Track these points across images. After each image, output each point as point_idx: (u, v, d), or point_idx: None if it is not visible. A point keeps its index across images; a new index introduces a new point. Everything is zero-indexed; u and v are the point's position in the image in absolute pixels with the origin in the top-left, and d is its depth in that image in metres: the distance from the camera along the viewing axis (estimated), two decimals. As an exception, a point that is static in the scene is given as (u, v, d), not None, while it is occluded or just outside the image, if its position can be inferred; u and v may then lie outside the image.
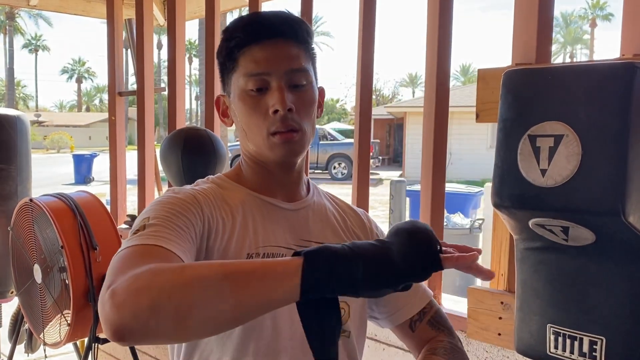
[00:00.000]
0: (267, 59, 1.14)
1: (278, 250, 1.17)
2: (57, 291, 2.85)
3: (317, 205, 1.29)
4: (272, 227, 1.19)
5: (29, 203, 2.93)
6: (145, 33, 3.57)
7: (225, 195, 1.20)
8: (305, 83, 1.17)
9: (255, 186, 1.24)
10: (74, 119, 56.26)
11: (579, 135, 1.28)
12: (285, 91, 1.13)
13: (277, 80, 1.14)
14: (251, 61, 1.14)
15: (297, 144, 1.17)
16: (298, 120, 1.15)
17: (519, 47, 1.81)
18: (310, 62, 1.20)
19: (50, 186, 12.39)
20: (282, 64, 1.14)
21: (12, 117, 3.53)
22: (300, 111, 1.15)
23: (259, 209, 1.21)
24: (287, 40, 1.16)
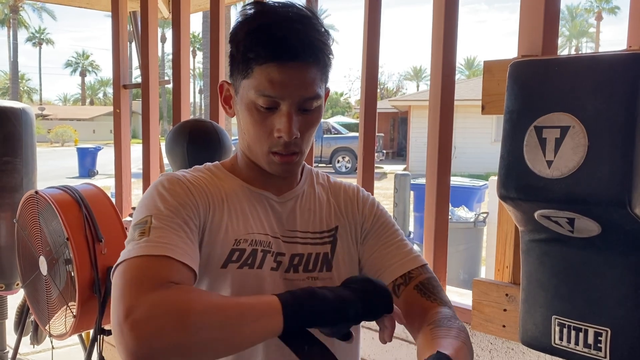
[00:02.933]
0: (283, 84, 1.10)
1: (265, 237, 1.20)
2: (62, 283, 2.86)
3: (306, 195, 1.30)
4: (260, 216, 1.22)
5: (35, 195, 2.94)
6: (150, 25, 3.56)
7: (217, 184, 1.22)
8: (314, 107, 1.16)
9: (247, 178, 1.26)
10: (78, 112, 56.28)
11: (585, 126, 1.28)
12: (294, 116, 1.13)
13: (288, 106, 1.13)
14: (266, 79, 1.11)
15: (296, 165, 1.21)
16: (300, 143, 1.17)
17: (525, 39, 1.80)
18: (325, 81, 1.19)
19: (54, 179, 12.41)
20: (296, 90, 1.12)
21: (17, 109, 3.54)
22: (303, 133, 1.16)
23: (248, 199, 1.23)
24: (308, 65, 1.12)
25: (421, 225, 7.24)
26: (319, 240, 1.25)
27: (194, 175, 1.23)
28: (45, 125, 41.21)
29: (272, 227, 1.22)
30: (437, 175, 2.15)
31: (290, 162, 1.18)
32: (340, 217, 1.30)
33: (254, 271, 1.16)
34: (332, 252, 1.25)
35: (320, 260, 1.23)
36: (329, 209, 1.30)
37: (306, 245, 1.24)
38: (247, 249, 1.17)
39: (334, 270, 1.24)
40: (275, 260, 1.19)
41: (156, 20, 3.66)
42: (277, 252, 1.20)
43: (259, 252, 1.18)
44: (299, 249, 1.23)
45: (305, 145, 1.19)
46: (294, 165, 1.21)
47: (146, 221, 1.07)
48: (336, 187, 1.36)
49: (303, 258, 1.22)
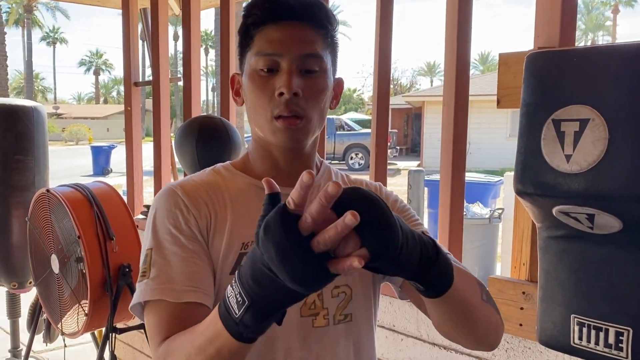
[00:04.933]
0: (281, 40, 1.09)
1: None
2: (74, 281, 2.86)
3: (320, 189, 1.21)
4: None
5: (46, 194, 2.93)
6: (160, 22, 3.55)
7: (222, 187, 1.17)
8: (317, 70, 1.12)
9: (259, 174, 1.18)
10: (92, 111, 56.66)
11: (605, 119, 1.24)
12: (295, 75, 1.09)
13: (288, 63, 1.09)
14: (265, 40, 1.10)
15: (300, 131, 1.12)
16: (304, 106, 1.10)
17: (542, 31, 1.76)
18: (328, 49, 1.15)
19: (68, 177, 12.48)
20: (295, 47, 1.09)
21: (28, 108, 3.54)
22: (307, 97, 1.10)
23: (257, 197, 1.11)
24: (305, 24, 1.11)
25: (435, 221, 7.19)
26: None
27: (195, 182, 1.18)
28: (60, 124, 41.54)
29: None
30: (451, 172, 2.11)
31: (293, 125, 1.10)
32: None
33: None
34: None
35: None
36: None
37: None
38: None
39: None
40: None
41: (166, 17, 3.65)
42: None
43: None
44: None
45: (311, 111, 1.12)
46: (298, 132, 1.12)
47: (147, 255, 1.11)
48: (356, 183, 1.29)
49: None
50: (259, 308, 0.80)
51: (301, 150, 1.18)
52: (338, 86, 1.22)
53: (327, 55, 1.14)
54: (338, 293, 1.14)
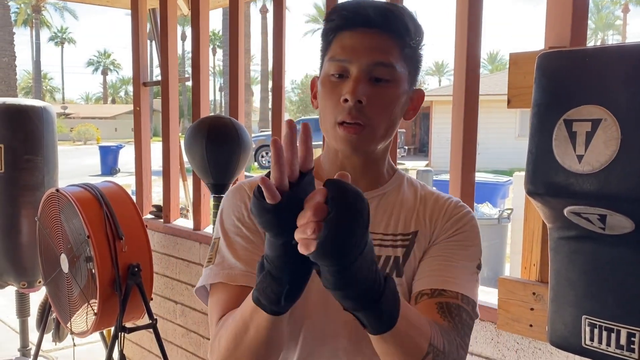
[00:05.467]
0: (354, 47, 1.10)
1: None
2: (83, 281, 2.87)
3: (388, 195, 1.22)
4: None
5: (56, 193, 2.94)
6: (170, 22, 3.56)
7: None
8: (389, 79, 1.10)
9: (325, 176, 1.13)
10: (100, 111, 56.82)
11: (617, 119, 1.23)
12: (362, 83, 1.08)
13: (357, 70, 1.09)
14: (339, 46, 1.11)
15: (362, 141, 1.11)
16: (369, 114, 1.09)
17: (553, 30, 1.75)
18: (405, 60, 1.13)
19: (77, 177, 12.52)
20: (366, 54, 1.09)
21: (38, 108, 3.55)
22: (374, 106, 1.09)
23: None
24: (381, 33, 1.10)
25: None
26: (393, 243, 1.17)
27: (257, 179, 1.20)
28: (68, 124, 41.67)
29: None
30: (461, 172, 2.10)
31: (354, 133, 1.09)
32: (423, 223, 1.20)
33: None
34: (405, 257, 1.16)
35: (390, 264, 1.15)
36: (411, 212, 1.21)
37: (377, 247, 1.14)
38: None
39: (404, 277, 1.15)
40: None
41: (175, 17, 3.65)
42: None
43: None
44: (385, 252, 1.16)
45: (377, 120, 1.10)
46: (360, 141, 1.11)
47: (214, 243, 1.20)
48: (429, 194, 1.25)
49: (390, 261, 1.16)
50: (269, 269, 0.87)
51: (367, 158, 1.17)
52: (417, 97, 1.20)
53: (401, 65, 1.12)
54: None
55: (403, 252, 1.16)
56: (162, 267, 3.58)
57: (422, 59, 1.19)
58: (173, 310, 3.56)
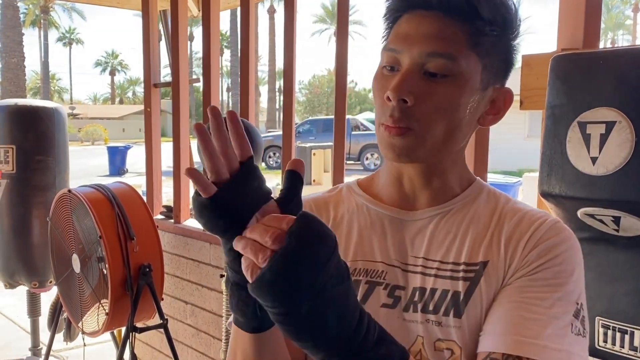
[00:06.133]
0: (407, 34, 0.90)
1: (374, 266, 0.95)
2: (95, 281, 2.88)
3: (455, 214, 0.97)
4: (372, 239, 0.98)
5: (68, 194, 2.96)
6: (180, 24, 3.57)
7: (335, 207, 1.04)
8: (447, 74, 0.88)
9: (378, 191, 1.02)
10: (107, 111, 56.99)
11: (632, 121, 1.24)
12: (412, 77, 0.88)
13: (408, 62, 0.89)
14: (394, 33, 0.92)
15: (406, 146, 0.90)
16: (418, 115, 0.88)
17: (566, 32, 1.75)
18: (477, 52, 0.89)
19: (85, 178, 12.58)
20: (419, 42, 0.88)
21: (49, 109, 3.58)
22: (424, 106, 0.88)
23: (364, 219, 1.00)
24: (443, 17, 0.88)
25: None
26: (452, 274, 0.92)
27: (315, 199, 1.07)
28: (76, 124, 41.79)
29: (386, 252, 0.96)
30: (473, 172, 2.10)
31: (396, 135, 0.89)
32: (497, 251, 0.92)
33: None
34: (467, 293, 0.89)
35: (447, 300, 0.90)
36: (482, 237, 0.94)
37: (432, 278, 0.92)
38: None
39: (464, 318, 0.88)
40: (390, 295, 0.93)
41: (186, 19, 3.67)
42: (393, 285, 0.94)
43: (363, 283, 0.94)
44: (420, 281, 0.93)
45: (428, 124, 0.89)
46: (405, 146, 0.89)
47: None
48: (512, 211, 0.97)
49: (425, 293, 0.92)
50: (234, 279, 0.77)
51: (427, 168, 0.96)
52: (502, 99, 0.97)
53: (469, 57, 0.89)
54: (443, 348, 0.90)
55: (466, 287, 0.90)
56: (172, 267, 3.60)
57: (513, 51, 0.95)
58: (183, 310, 3.58)
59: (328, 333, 0.68)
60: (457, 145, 0.95)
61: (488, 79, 0.92)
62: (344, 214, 1.03)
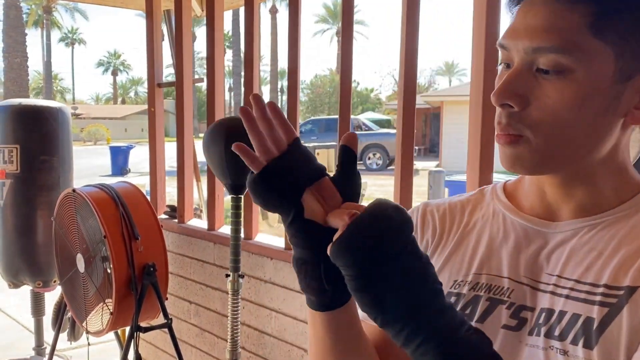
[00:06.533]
0: (514, 28, 0.78)
1: (500, 282, 0.84)
2: (99, 280, 2.88)
3: (607, 227, 0.81)
4: (507, 253, 0.86)
5: (72, 193, 2.96)
6: (184, 23, 3.57)
7: (472, 210, 0.94)
8: (561, 70, 0.74)
9: (521, 199, 0.90)
10: (110, 111, 56.98)
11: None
12: (521, 77, 0.77)
13: (517, 60, 0.78)
14: (508, 27, 0.81)
15: (517, 158, 0.79)
16: (527, 121, 0.77)
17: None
18: (605, 40, 0.74)
19: (88, 177, 12.58)
20: (524, 37, 0.76)
21: (54, 108, 3.58)
22: (534, 110, 0.76)
23: (500, 229, 0.89)
24: (558, 2, 0.75)
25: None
26: (587, 296, 0.76)
27: (446, 200, 0.99)
28: (78, 124, 41.83)
29: (516, 267, 0.84)
30: (479, 173, 2.10)
31: (505, 143, 0.78)
32: None
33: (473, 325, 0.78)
34: (604, 321, 0.73)
35: (577, 327, 0.75)
36: (636, 258, 0.76)
37: (562, 299, 0.78)
38: (467, 295, 0.85)
39: (596, 350, 0.72)
40: (514, 316, 0.81)
41: (190, 19, 3.66)
42: (519, 305, 0.81)
43: (483, 300, 0.84)
44: (549, 301, 0.79)
45: (538, 130, 0.76)
46: (519, 157, 0.78)
47: None
48: None
49: (552, 316, 0.77)
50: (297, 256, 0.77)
51: (569, 175, 0.82)
52: None
53: (592, 45, 0.74)
54: None
55: (603, 314, 0.74)
56: (176, 267, 3.59)
57: None
58: (187, 310, 3.57)
59: (406, 301, 0.65)
60: (597, 151, 0.79)
61: (628, 68, 0.75)
62: (477, 221, 0.92)
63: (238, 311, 2.74)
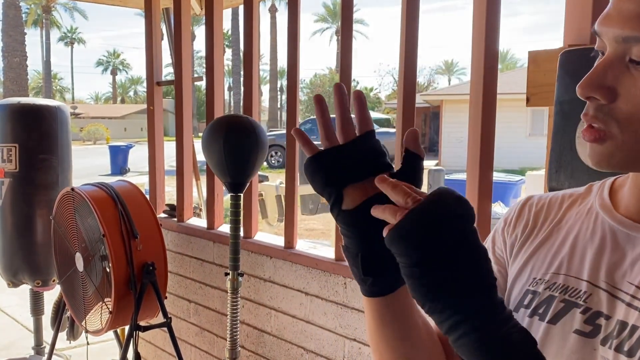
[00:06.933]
0: (607, 13, 0.71)
1: (577, 284, 0.79)
2: (98, 279, 2.88)
3: None
4: (591, 254, 0.80)
5: (71, 192, 2.95)
6: (183, 22, 3.56)
7: (571, 205, 0.89)
8: None
9: (622, 196, 0.83)
10: (109, 110, 56.95)
11: (642, 117, 1.22)
12: (612, 68, 0.70)
13: (609, 48, 0.71)
14: (605, 11, 0.73)
15: (603, 155, 0.72)
16: (616, 116, 0.70)
17: (572, 27, 1.74)
18: None
19: (87, 177, 12.57)
20: (615, 24, 0.69)
21: (53, 107, 3.57)
22: (624, 104, 0.69)
23: (589, 228, 0.83)
24: None
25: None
26: None
27: (554, 193, 0.93)
28: (78, 123, 41.80)
29: (597, 270, 0.78)
30: (479, 171, 2.09)
31: (590, 141, 0.73)
32: None
33: (543, 325, 0.79)
34: None
35: (624, 335, 0.71)
36: None
37: (637, 312, 0.72)
38: (542, 293, 0.81)
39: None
40: (589, 322, 0.76)
41: (189, 17, 3.66)
42: (595, 311, 0.76)
43: (557, 300, 0.79)
44: (624, 313, 0.73)
45: (628, 126, 0.69)
46: (603, 155, 0.72)
47: None
48: None
49: (625, 329, 0.71)
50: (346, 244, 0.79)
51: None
52: None
53: None
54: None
55: None
56: (175, 266, 3.59)
57: None
58: (187, 308, 3.57)
59: (455, 293, 0.65)
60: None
61: None
62: (570, 218, 0.87)
63: (237, 310, 2.74)
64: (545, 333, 0.78)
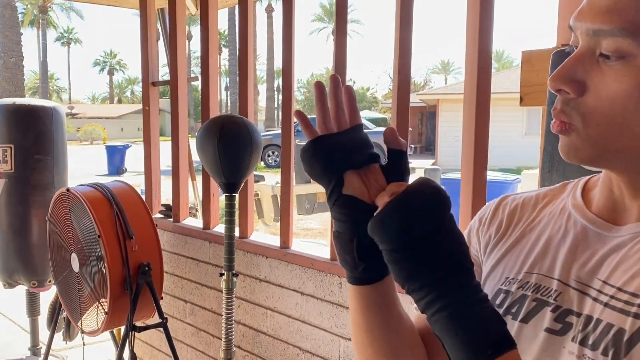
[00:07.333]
0: (582, 8, 0.72)
1: (549, 283, 0.80)
2: (94, 280, 2.87)
3: None
4: (563, 253, 0.81)
5: (66, 193, 2.95)
6: (178, 22, 3.56)
7: (544, 205, 0.89)
8: (623, 56, 0.68)
9: (593, 195, 0.84)
10: (106, 110, 56.92)
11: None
12: (582, 62, 0.71)
13: (581, 42, 0.72)
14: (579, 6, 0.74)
15: (569, 147, 0.74)
16: (580, 109, 0.71)
17: (565, 27, 1.75)
18: None
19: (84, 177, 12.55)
20: (586, 18, 0.70)
21: (48, 108, 3.57)
22: (590, 98, 0.70)
23: (561, 228, 0.84)
24: None
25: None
26: (624, 306, 0.70)
27: (528, 195, 0.93)
28: (75, 123, 41.76)
29: (568, 269, 0.79)
30: (473, 170, 2.10)
31: (558, 132, 0.74)
32: None
33: (516, 324, 0.80)
34: (636, 334, 0.67)
35: (608, 337, 0.70)
36: None
37: (601, 307, 0.73)
38: (515, 293, 0.83)
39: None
40: (559, 319, 0.77)
41: (184, 17, 3.66)
42: (565, 309, 0.77)
43: (530, 299, 0.80)
44: (590, 308, 0.74)
45: (590, 120, 0.70)
46: (569, 147, 0.74)
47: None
48: None
49: (590, 323, 0.73)
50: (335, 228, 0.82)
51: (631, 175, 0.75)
52: None
53: None
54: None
55: (635, 327, 0.68)
56: (171, 266, 3.59)
57: None
58: (183, 309, 3.57)
59: (433, 274, 0.69)
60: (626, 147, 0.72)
61: None
62: (542, 218, 0.88)
63: (232, 310, 2.74)
64: (517, 332, 0.79)
